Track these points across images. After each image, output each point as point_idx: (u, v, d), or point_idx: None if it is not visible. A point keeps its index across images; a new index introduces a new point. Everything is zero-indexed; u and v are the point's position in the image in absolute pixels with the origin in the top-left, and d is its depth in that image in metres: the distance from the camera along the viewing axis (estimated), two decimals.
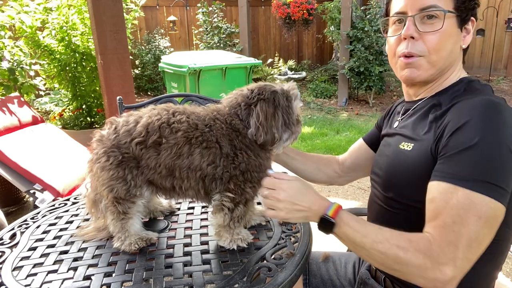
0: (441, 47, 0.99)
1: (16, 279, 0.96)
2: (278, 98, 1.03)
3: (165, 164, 0.98)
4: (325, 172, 1.40)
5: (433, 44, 0.99)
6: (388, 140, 1.16)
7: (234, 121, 1.02)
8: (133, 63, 8.04)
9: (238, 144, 1.00)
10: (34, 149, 2.83)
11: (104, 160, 0.99)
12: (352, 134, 5.32)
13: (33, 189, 2.52)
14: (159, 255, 1.04)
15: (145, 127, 0.99)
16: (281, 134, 1.02)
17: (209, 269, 0.96)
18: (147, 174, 1.01)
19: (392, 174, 1.06)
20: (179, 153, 0.97)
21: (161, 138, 0.98)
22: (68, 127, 3.85)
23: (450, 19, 0.98)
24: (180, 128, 0.98)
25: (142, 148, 0.99)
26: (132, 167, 1.00)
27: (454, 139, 0.87)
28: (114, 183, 1.00)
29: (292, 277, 0.93)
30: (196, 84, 4.99)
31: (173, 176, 1.00)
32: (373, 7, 6.58)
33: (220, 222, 1.04)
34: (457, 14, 0.98)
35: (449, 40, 0.99)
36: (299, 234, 1.12)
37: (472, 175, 0.82)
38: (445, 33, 0.98)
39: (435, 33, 0.98)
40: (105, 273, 0.97)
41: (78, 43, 3.69)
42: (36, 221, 1.27)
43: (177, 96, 2.15)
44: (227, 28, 8.33)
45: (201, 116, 1.03)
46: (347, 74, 6.73)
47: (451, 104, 0.96)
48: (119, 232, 1.05)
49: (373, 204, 1.17)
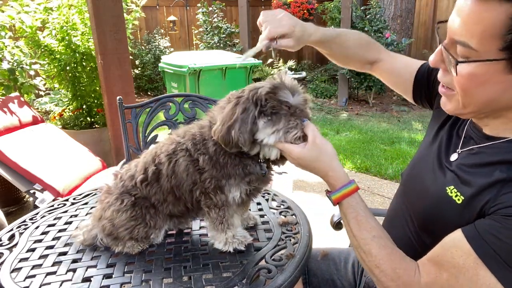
0: (468, 93, 0.77)
1: (14, 281, 0.95)
2: (257, 97, 0.92)
3: (167, 189, 1.02)
4: (357, 59, 1.26)
5: (462, 88, 0.77)
6: (435, 167, 0.95)
7: (204, 128, 1.02)
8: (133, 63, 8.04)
9: (201, 149, 0.99)
10: (34, 149, 2.82)
11: (119, 204, 1.04)
12: (352, 134, 5.31)
13: (33, 189, 2.52)
14: (158, 257, 1.04)
15: (143, 165, 1.05)
16: (239, 135, 0.90)
17: (209, 271, 0.96)
18: (162, 210, 1.06)
19: (431, 221, 0.91)
20: (169, 174, 1.01)
21: (156, 167, 1.03)
22: (68, 127, 3.84)
23: (493, 64, 0.71)
24: (162, 152, 1.03)
25: (147, 185, 1.03)
26: (148, 207, 1.05)
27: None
28: (134, 224, 1.03)
29: (292, 279, 0.93)
30: (196, 84, 4.99)
31: (179, 198, 1.04)
32: (373, 7, 6.57)
33: (208, 225, 1.07)
34: (506, 57, 0.69)
35: (483, 87, 0.74)
36: (299, 235, 1.12)
37: (499, 252, 0.70)
38: (473, 80, 0.74)
39: (461, 78, 0.75)
40: (104, 275, 0.96)
41: (78, 43, 3.68)
42: (35, 222, 1.27)
43: (177, 96, 2.15)
44: (227, 28, 8.33)
45: (186, 131, 1.05)
46: (347, 74, 6.72)
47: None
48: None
49: (399, 226, 1.04)
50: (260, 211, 1.29)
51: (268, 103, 0.92)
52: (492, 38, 0.69)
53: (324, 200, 3.86)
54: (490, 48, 0.70)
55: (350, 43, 1.22)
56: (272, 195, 1.42)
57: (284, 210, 1.29)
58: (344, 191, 0.93)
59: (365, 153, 4.56)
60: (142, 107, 2.05)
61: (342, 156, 4.46)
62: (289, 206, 1.32)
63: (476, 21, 0.70)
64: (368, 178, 3.94)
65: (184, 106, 2.08)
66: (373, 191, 3.61)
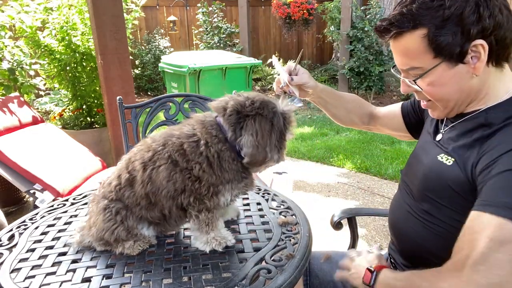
0: (442, 95, 0.96)
1: (14, 281, 0.95)
2: (278, 117, 0.99)
3: (141, 195, 1.03)
4: (351, 118, 1.45)
5: (432, 95, 0.97)
6: (426, 148, 1.11)
7: (195, 133, 1.02)
8: (133, 63, 8.04)
9: (195, 159, 0.99)
10: (34, 149, 2.82)
11: (95, 208, 1.07)
12: (352, 134, 5.31)
13: (33, 189, 2.51)
14: (158, 257, 1.04)
15: (118, 171, 1.08)
16: (273, 154, 0.99)
17: (208, 271, 0.96)
18: (135, 212, 1.06)
19: (429, 186, 1.01)
20: (145, 180, 1.02)
21: (129, 174, 1.04)
22: (68, 127, 3.84)
23: (434, 71, 0.92)
24: (137, 159, 1.04)
25: (120, 189, 1.05)
26: (119, 208, 1.05)
27: (497, 164, 0.81)
28: (110, 225, 1.04)
29: (292, 279, 0.92)
30: (196, 84, 4.99)
31: (154, 204, 1.04)
32: (373, 7, 6.57)
33: (192, 227, 1.08)
34: (442, 60, 0.90)
35: (445, 86, 0.94)
36: (299, 235, 1.12)
37: (497, 199, 0.77)
38: (435, 85, 0.94)
39: (426, 88, 0.96)
40: (104, 275, 0.96)
41: (78, 43, 3.68)
42: (34, 222, 1.27)
43: (177, 96, 2.15)
44: (227, 28, 8.33)
45: (166, 139, 1.05)
46: (347, 74, 6.72)
47: (503, 124, 0.88)
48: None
49: (401, 209, 1.13)
50: (260, 211, 1.29)
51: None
52: (423, 54, 0.91)
53: (324, 200, 3.88)
54: (428, 60, 0.91)
55: (347, 96, 1.46)
56: (272, 195, 1.42)
57: (284, 210, 1.29)
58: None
59: (365, 153, 4.56)
60: (142, 107, 2.05)
61: (342, 156, 4.46)
62: (289, 206, 1.32)
63: (405, 52, 0.94)
64: (368, 178, 3.94)
65: (184, 106, 2.08)
66: (373, 191, 3.61)
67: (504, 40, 0.89)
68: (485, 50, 0.87)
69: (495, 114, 0.92)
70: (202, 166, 0.98)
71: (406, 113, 1.32)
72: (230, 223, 1.21)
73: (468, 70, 0.90)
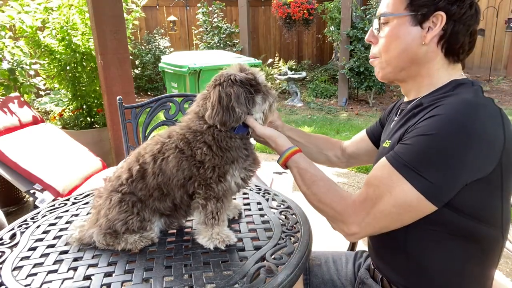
0: (389, 48, 1.05)
1: (16, 279, 0.96)
2: (234, 77, 1.06)
3: (153, 186, 1.06)
4: (325, 155, 1.49)
5: (381, 46, 1.07)
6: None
7: (192, 122, 1.08)
8: (133, 63, 8.05)
9: (196, 144, 1.04)
10: (34, 149, 2.83)
11: (108, 203, 1.08)
12: (352, 134, 5.31)
13: (33, 189, 2.52)
14: (159, 255, 1.04)
15: (127, 166, 1.11)
16: (244, 110, 1.04)
17: (209, 269, 0.97)
18: (149, 204, 1.08)
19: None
20: (156, 172, 1.05)
21: (140, 166, 1.07)
22: (68, 127, 3.84)
23: (398, 20, 1.02)
24: (147, 152, 1.08)
25: (132, 181, 1.08)
26: (135, 201, 1.07)
27: (417, 128, 0.92)
28: (126, 215, 1.06)
29: (292, 277, 0.93)
30: (196, 84, 5.00)
31: (166, 194, 1.07)
32: (373, 7, 6.58)
33: (197, 220, 1.09)
34: (409, 14, 1.00)
35: (397, 40, 1.03)
36: (299, 234, 1.13)
37: (405, 157, 0.89)
38: (391, 35, 1.04)
39: (384, 37, 1.06)
40: (105, 273, 0.97)
41: (78, 43, 3.69)
42: (36, 221, 1.27)
43: (177, 96, 2.16)
44: (227, 28, 8.33)
45: (170, 132, 1.11)
46: (347, 74, 6.73)
47: (430, 104, 0.97)
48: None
49: None
50: (260, 211, 1.29)
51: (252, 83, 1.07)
52: (399, 2, 1.01)
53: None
54: (398, 9, 1.02)
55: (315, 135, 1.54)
56: (272, 195, 1.42)
57: (284, 209, 1.30)
58: (287, 153, 1.12)
59: None
60: (142, 107, 2.05)
61: None
62: (289, 206, 1.32)
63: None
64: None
65: (184, 106, 2.08)
66: None
67: (457, 34, 0.98)
68: (441, 23, 0.97)
69: (429, 98, 1.01)
70: (203, 150, 1.03)
71: (370, 132, 1.39)
72: (231, 222, 1.22)
73: (421, 35, 1.00)
